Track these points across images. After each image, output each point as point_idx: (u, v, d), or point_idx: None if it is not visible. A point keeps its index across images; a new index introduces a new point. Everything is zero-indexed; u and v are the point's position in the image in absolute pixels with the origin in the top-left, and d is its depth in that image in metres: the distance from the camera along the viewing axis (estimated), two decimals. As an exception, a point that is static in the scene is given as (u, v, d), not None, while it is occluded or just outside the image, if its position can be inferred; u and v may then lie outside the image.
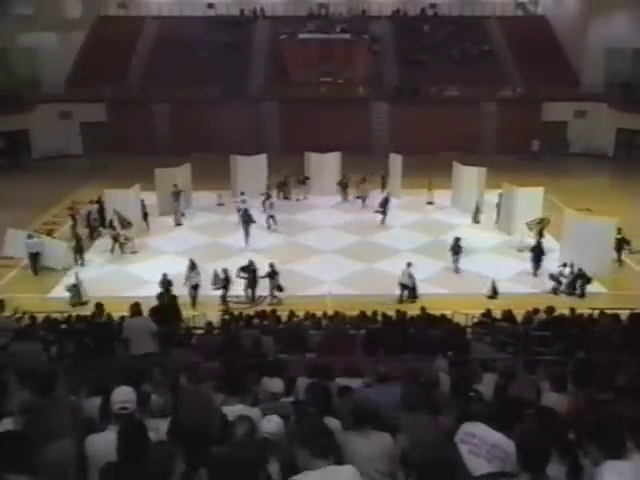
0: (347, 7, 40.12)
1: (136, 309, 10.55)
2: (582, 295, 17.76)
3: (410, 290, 17.85)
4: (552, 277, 18.40)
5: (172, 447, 3.62)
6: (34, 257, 19.64)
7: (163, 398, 5.29)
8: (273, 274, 17.74)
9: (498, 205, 23.55)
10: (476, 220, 24.09)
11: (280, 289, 17.84)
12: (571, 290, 17.92)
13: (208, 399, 4.38)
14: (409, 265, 18.05)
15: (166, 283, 17.20)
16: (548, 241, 21.64)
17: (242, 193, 24.50)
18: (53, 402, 4.91)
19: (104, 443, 4.05)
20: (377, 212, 24.08)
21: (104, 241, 21.94)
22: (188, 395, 4.33)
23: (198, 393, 4.45)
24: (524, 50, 35.86)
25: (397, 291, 17.86)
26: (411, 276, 17.92)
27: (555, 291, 18.25)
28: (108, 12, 39.45)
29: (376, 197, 27.24)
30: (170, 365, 7.69)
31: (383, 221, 24.02)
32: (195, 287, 17.62)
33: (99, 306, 12.93)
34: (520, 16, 40.52)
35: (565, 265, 18.47)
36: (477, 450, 3.60)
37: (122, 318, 11.98)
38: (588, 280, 17.91)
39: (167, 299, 14.50)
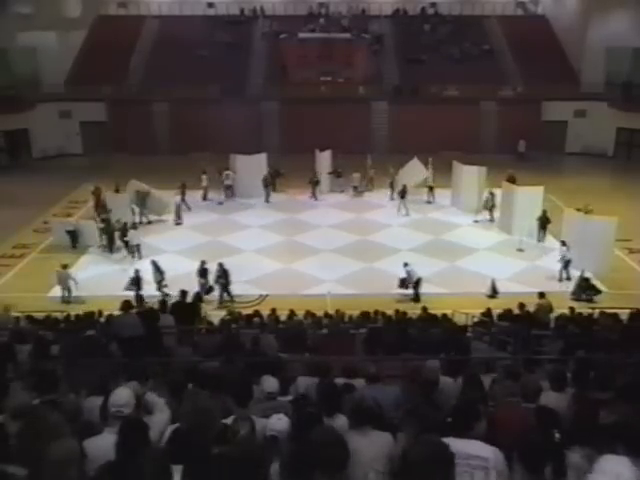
0: (347, 6, 40.09)
1: (163, 308, 11.53)
2: (590, 301, 17.47)
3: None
4: (565, 262, 18.60)
5: (170, 455, 3.61)
6: (72, 234, 21.68)
7: (162, 398, 5.30)
8: (204, 272, 17.78)
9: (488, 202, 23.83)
10: (477, 219, 24.15)
11: (209, 290, 17.67)
12: (579, 296, 17.71)
13: (210, 406, 4.38)
14: (406, 265, 18.09)
15: (136, 280, 17.39)
16: (548, 241, 21.72)
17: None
18: (50, 403, 4.91)
19: (101, 445, 4.05)
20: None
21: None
22: (191, 401, 4.33)
23: (200, 399, 4.45)
24: (524, 49, 35.83)
25: (409, 291, 17.89)
26: (412, 275, 17.98)
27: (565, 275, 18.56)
28: (108, 11, 39.38)
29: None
30: (172, 364, 7.71)
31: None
32: (138, 247, 20.30)
33: (141, 299, 12.99)
34: (520, 15, 40.47)
35: (564, 243, 18.60)
36: (457, 468, 3.51)
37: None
38: (597, 291, 17.75)
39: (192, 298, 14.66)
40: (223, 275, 17.60)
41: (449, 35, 37.94)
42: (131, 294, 16.52)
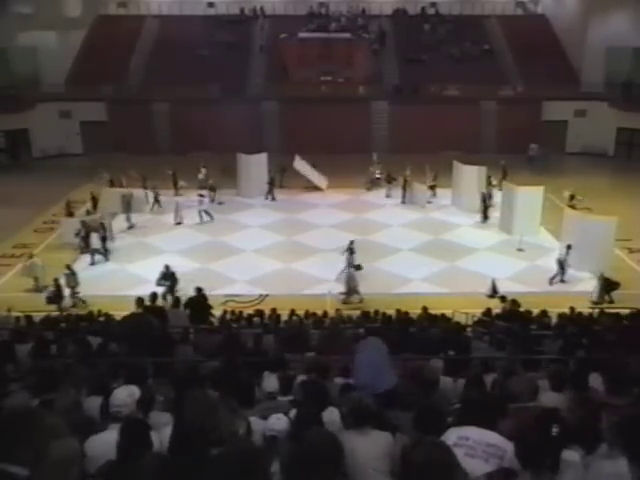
0: (347, 6, 40.10)
1: (177, 304, 12.59)
2: (611, 301, 17.23)
3: (354, 291, 17.66)
4: (559, 262, 18.65)
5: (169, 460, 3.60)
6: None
7: (164, 397, 5.30)
8: (351, 251, 18.74)
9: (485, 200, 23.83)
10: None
11: (358, 267, 18.38)
12: (602, 298, 17.46)
13: (215, 404, 4.37)
14: (352, 267, 17.83)
15: (55, 292, 17.05)
16: (548, 240, 21.75)
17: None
18: (49, 403, 4.91)
19: (105, 443, 4.05)
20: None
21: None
22: (195, 399, 4.33)
23: (205, 397, 4.44)
24: (524, 49, 35.83)
25: (343, 292, 17.73)
26: (354, 278, 17.69)
27: (559, 277, 18.68)
28: (108, 11, 39.42)
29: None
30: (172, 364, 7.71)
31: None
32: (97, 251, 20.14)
33: (154, 295, 13.40)
34: (520, 15, 40.48)
35: (569, 247, 18.54)
36: (473, 452, 3.56)
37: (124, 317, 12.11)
38: (615, 286, 17.51)
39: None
40: (169, 278, 17.30)
41: (449, 35, 37.95)
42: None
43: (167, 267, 17.46)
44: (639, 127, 32.92)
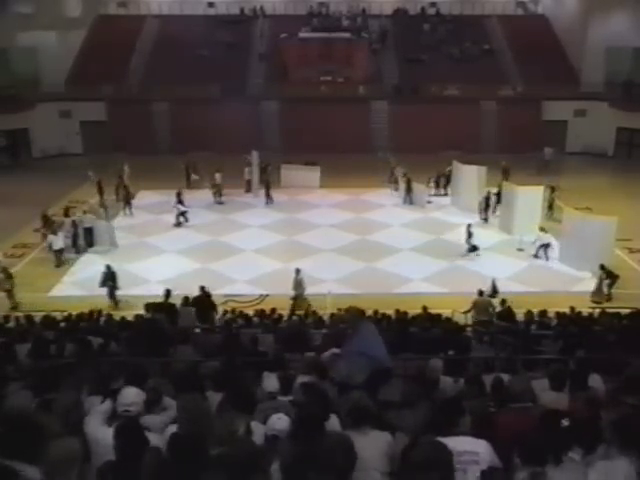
0: (347, 6, 40.11)
1: (185, 302, 13.23)
2: (609, 298, 17.13)
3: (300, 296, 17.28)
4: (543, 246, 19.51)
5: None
6: (89, 231, 21.34)
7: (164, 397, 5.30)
8: (470, 235, 20.31)
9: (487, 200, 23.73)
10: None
11: (475, 248, 20.26)
12: (600, 291, 17.33)
13: (205, 409, 4.37)
14: (298, 272, 17.35)
15: None
16: (548, 240, 21.73)
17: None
18: (48, 403, 4.92)
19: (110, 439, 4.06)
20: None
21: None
22: (186, 406, 4.33)
23: (195, 403, 4.44)
24: (524, 49, 35.83)
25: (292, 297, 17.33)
26: (301, 284, 17.25)
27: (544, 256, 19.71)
28: (108, 11, 39.45)
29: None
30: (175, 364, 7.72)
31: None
32: (61, 252, 19.83)
33: (168, 292, 13.93)
34: (520, 15, 40.49)
35: (543, 230, 19.54)
36: None
37: (122, 317, 12.13)
38: (615, 279, 17.32)
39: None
40: (110, 278, 17.30)
41: (449, 35, 37.95)
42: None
43: (108, 267, 17.48)
44: (639, 127, 32.92)
